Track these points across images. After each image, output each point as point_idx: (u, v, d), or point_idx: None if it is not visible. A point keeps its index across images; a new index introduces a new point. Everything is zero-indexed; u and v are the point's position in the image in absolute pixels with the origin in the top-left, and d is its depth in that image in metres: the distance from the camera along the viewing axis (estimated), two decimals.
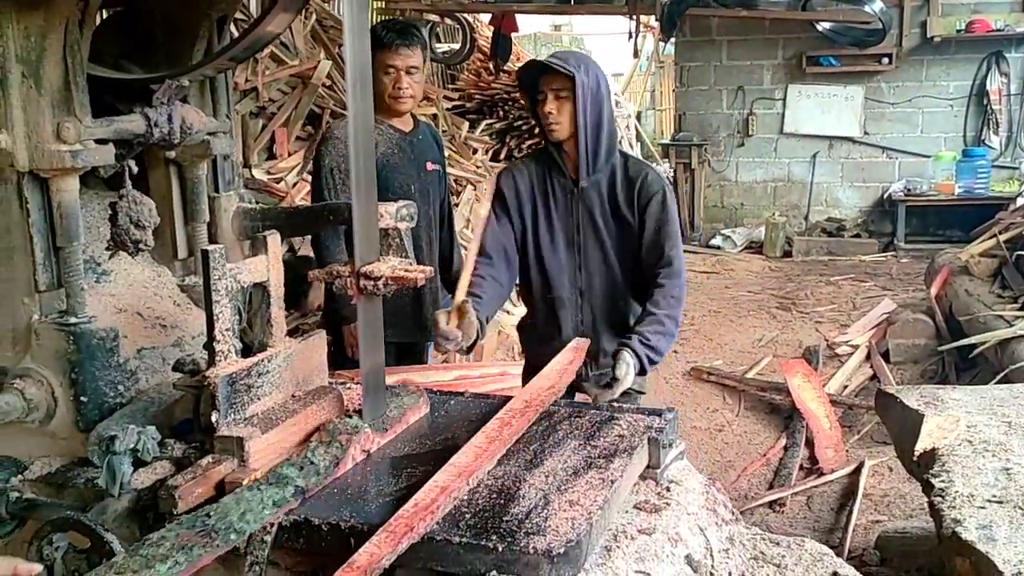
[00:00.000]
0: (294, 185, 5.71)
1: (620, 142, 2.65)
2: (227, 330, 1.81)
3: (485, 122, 9.28)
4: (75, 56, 1.95)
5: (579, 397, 2.61)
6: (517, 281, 2.79)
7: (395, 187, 3.05)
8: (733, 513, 2.04)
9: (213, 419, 1.76)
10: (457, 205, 6.15)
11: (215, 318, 1.79)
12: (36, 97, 1.92)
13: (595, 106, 2.54)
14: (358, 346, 2.77)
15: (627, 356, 2.41)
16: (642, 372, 2.48)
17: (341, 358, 3.15)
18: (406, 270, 1.93)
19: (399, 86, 3.07)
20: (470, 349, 2.46)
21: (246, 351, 2.05)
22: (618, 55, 14.27)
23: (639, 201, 2.60)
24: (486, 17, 10.39)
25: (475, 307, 2.35)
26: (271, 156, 6.03)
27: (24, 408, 1.96)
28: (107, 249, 2.27)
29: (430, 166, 3.28)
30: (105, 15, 2.57)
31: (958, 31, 8.44)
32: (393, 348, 3.13)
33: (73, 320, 2.00)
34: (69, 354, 1.97)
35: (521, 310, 5.66)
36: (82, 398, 1.98)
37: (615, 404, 2.26)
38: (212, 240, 2.49)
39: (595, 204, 2.62)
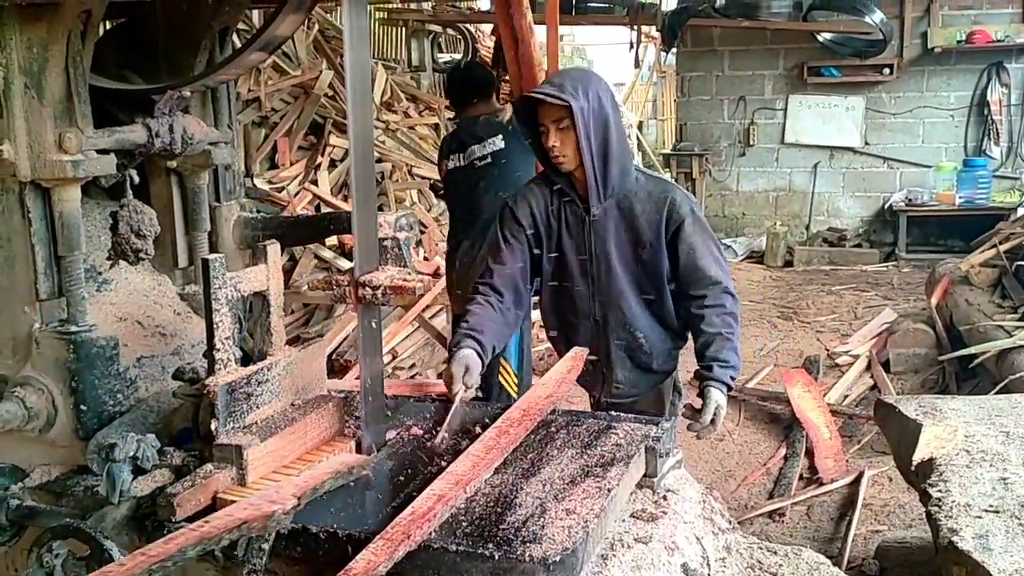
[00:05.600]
0: (296, 195, 5.73)
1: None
2: (227, 339, 1.83)
3: None
4: (77, 67, 1.97)
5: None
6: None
7: None
8: (730, 522, 2.05)
9: (212, 427, 1.77)
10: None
11: (215, 327, 1.80)
12: (38, 107, 1.94)
13: (600, 129, 2.33)
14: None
15: (715, 394, 2.44)
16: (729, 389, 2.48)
17: None
18: (404, 279, 1.94)
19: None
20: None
21: (246, 360, 2.06)
22: (620, 65, 14.32)
23: (668, 227, 2.41)
24: (488, 28, 10.42)
25: (473, 349, 2.28)
26: (273, 166, 6.06)
27: (25, 416, 1.97)
28: (108, 258, 2.29)
29: None
30: (108, 26, 2.59)
31: (959, 42, 8.46)
32: None
33: (73, 329, 2.01)
34: (69, 363, 1.99)
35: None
36: (82, 406, 1.99)
37: (612, 413, 2.27)
38: (213, 249, 2.51)
39: (610, 232, 2.44)
